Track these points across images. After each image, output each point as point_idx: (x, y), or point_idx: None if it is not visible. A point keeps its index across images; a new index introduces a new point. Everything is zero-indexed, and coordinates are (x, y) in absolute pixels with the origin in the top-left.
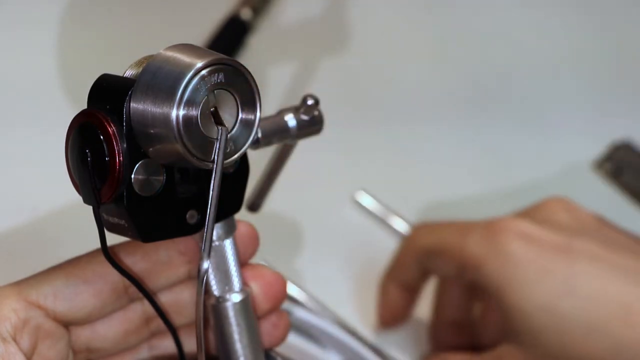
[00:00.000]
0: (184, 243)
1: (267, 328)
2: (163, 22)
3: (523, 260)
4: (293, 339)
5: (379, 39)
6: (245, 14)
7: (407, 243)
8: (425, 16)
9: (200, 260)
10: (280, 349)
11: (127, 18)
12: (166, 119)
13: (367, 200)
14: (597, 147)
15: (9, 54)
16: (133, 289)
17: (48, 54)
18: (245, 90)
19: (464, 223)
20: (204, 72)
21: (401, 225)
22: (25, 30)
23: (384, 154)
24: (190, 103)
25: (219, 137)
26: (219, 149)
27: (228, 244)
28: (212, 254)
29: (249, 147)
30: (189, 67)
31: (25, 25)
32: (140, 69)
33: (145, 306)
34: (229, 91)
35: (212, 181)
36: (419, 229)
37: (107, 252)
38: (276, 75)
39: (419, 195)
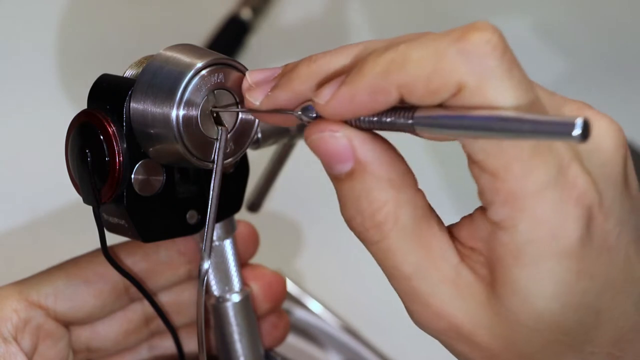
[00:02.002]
0: (184, 243)
1: (267, 328)
2: (163, 22)
3: None
4: (293, 339)
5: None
6: (245, 14)
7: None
8: (426, 16)
9: (200, 261)
10: (280, 349)
11: (127, 18)
12: (166, 119)
13: None
14: None
15: (8, 54)
16: (133, 289)
17: (48, 52)
18: None
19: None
20: (204, 72)
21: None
22: (25, 29)
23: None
24: (190, 103)
25: (219, 137)
26: (219, 149)
27: (228, 244)
28: (212, 254)
29: (248, 147)
30: (189, 67)
31: (25, 24)
32: (140, 69)
33: (145, 306)
34: (229, 91)
35: (212, 181)
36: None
37: (107, 252)
38: None
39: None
